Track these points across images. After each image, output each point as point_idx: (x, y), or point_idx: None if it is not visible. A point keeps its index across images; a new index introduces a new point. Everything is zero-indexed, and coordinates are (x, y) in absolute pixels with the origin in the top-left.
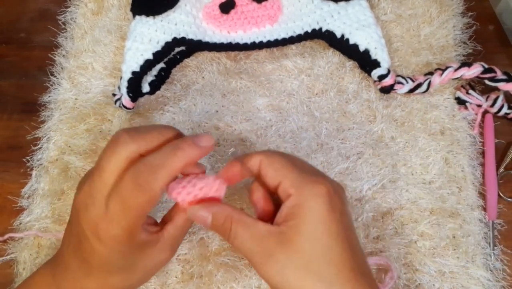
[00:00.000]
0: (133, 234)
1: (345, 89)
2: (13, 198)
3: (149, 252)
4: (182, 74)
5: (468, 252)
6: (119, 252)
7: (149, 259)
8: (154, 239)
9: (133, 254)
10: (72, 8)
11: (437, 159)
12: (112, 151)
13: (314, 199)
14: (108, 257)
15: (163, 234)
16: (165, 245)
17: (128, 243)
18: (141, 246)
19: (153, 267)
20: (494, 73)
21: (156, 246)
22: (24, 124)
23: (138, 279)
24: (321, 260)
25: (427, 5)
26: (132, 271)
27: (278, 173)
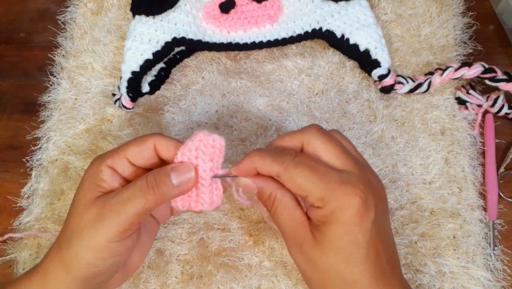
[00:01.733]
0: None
1: (345, 89)
2: (13, 198)
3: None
4: (182, 74)
5: (468, 252)
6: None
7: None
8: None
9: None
10: (71, 8)
11: (438, 159)
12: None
13: (342, 212)
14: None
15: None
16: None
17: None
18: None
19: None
20: (495, 73)
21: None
22: (23, 125)
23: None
24: (343, 266)
25: (428, 5)
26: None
27: (301, 188)
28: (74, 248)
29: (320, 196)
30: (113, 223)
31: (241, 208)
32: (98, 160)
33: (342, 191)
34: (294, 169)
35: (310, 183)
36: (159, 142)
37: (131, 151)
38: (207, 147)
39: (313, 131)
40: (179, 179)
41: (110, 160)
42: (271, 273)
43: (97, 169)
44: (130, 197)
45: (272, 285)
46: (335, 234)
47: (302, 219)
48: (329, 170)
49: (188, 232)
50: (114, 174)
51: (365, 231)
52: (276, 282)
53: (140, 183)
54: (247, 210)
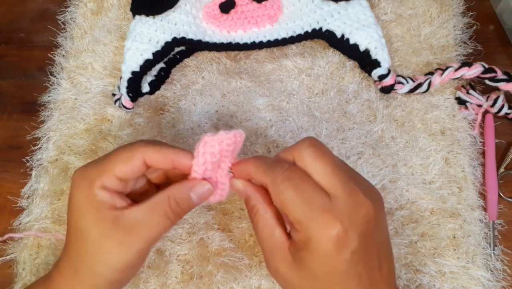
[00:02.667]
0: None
1: (345, 89)
2: (13, 198)
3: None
4: (182, 74)
5: (468, 252)
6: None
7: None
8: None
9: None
10: (71, 8)
11: (438, 159)
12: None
13: (319, 242)
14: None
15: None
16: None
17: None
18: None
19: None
20: (495, 73)
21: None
22: (23, 125)
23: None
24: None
25: (428, 5)
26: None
27: (283, 205)
28: (95, 270)
29: (299, 219)
30: (142, 246)
31: (241, 208)
32: (85, 183)
33: (322, 220)
34: (281, 184)
35: (293, 202)
36: (149, 157)
37: (119, 170)
38: (229, 145)
39: (304, 145)
40: (199, 194)
41: (98, 181)
42: None
43: (90, 195)
44: (157, 223)
45: (272, 285)
46: (311, 261)
47: (281, 240)
48: (315, 192)
49: (188, 232)
50: (110, 193)
51: (342, 261)
52: (276, 282)
53: (165, 210)
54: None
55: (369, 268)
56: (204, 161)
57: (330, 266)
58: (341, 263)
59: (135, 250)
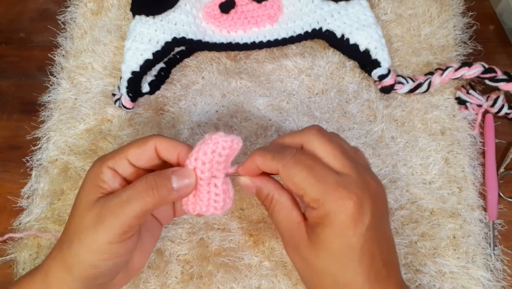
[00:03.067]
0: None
1: (345, 89)
2: (13, 198)
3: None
4: (182, 74)
5: (468, 252)
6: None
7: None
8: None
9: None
10: (71, 8)
11: (438, 159)
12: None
13: (336, 215)
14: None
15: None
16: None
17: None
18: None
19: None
20: (495, 73)
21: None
22: (23, 125)
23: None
24: (336, 269)
25: (428, 5)
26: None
27: (298, 187)
28: (75, 249)
29: (315, 197)
30: (112, 224)
31: (241, 208)
32: (99, 162)
33: (338, 194)
34: (293, 167)
35: (307, 183)
36: (160, 144)
37: (131, 152)
38: (224, 149)
39: (313, 131)
40: (179, 182)
41: (111, 161)
42: (271, 273)
43: (98, 170)
44: (129, 198)
45: (272, 285)
46: (328, 236)
47: (298, 220)
48: (327, 171)
49: (188, 232)
50: (115, 175)
51: (359, 235)
52: (276, 282)
53: (140, 184)
54: (247, 210)
55: (381, 248)
56: (196, 157)
57: (346, 240)
58: (357, 237)
59: (104, 229)
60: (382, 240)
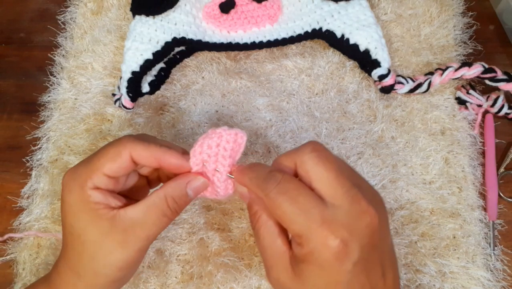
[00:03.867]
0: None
1: (345, 89)
2: (13, 198)
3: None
4: (182, 74)
5: (468, 252)
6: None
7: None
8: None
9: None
10: (71, 8)
11: (438, 159)
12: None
13: (320, 254)
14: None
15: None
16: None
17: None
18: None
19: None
20: (495, 73)
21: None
22: (23, 125)
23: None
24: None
25: (428, 5)
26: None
27: (281, 219)
28: (102, 273)
29: (298, 233)
30: (142, 245)
31: (241, 208)
32: (77, 185)
33: (321, 232)
34: (276, 199)
35: (289, 217)
36: (136, 154)
37: (107, 168)
38: (229, 143)
39: (308, 150)
40: (194, 189)
41: (89, 182)
42: None
43: (84, 196)
44: (155, 222)
45: None
46: (313, 274)
47: (282, 250)
48: (312, 204)
49: (188, 232)
50: (102, 192)
51: (344, 272)
52: None
53: (162, 209)
54: (247, 210)
55: (373, 277)
56: (200, 151)
57: (332, 277)
58: (343, 275)
59: (135, 249)
60: (375, 268)
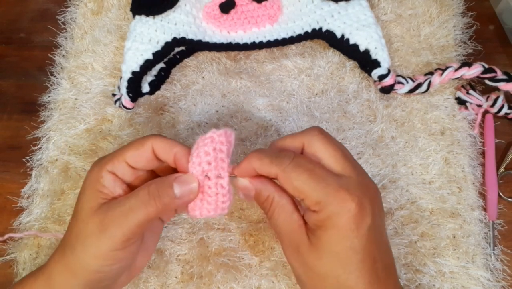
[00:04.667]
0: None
1: (345, 89)
2: (13, 198)
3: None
4: (182, 74)
5: (468, 252)
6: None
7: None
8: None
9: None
10: (72, 8)
11: (437, 159)
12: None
13: (338, 217)
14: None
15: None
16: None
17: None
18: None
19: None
20: (494, 73)
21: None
22: (24, 125)
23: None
24: (339, 272)
25: (427, 5)
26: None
27: (298, 191)
28: (78, 255)
29: (317, 200)
30: (115, 233)
31: (241, 208)
32: (98, 166)
33: (340, 196)
34: (292, 172)
35: (308, 186)
36: (157, 145)
37: (129, 155)
38: (223, 143)
39: (314, 132)
40: (182, 189)
41: (109, 165)
42: (271, 273)
43: (98, 175)
44: (132, 207)
45: (272, 285)
46: (331, 239)
47: (299, 223)
48: (327, 173)
49: (188, 232)
50: (115, 179)
51: (361, 236)
52: (276, 282)
53: (142, 193)
54: (247, 210)
55: (380, 250)
56: (199, 161)
57: (349, 241)
58: (359, 239)
59: (108, 237)
60: (381, 242)
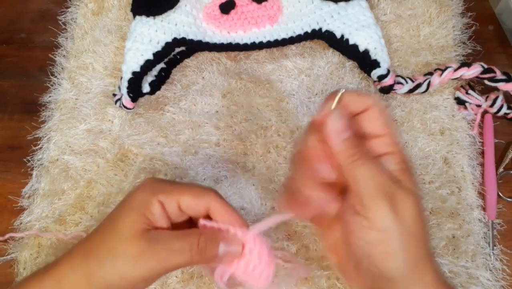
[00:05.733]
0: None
1: None
2: (14, 197)
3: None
4: (182, 75)
5: (467, 252)
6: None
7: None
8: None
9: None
10: (72, 8)
11: (437, 159)
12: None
13: (411, 199)
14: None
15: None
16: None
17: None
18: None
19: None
20: (494, 73)
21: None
22: (24, 125)
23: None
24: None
25: (427, 5)
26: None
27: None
28: (105, 270)
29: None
30: (154, 266)
31: (242, 208)
32: (150, 190)
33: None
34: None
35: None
36: (215, 208)
37: (185, 200)
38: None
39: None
40: (226, 248)
41: (163, 196)
42: None
43: (149, 201)
44: (178, 250)
45: (272, 285)
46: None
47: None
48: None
49: None
50: (163, 212)
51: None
52: (276, 282)
53: (192, 241)
54: (247, 209)
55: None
56: (253, 247)
57: (420, 220)
58: (423, 220)
59: (144, 267)
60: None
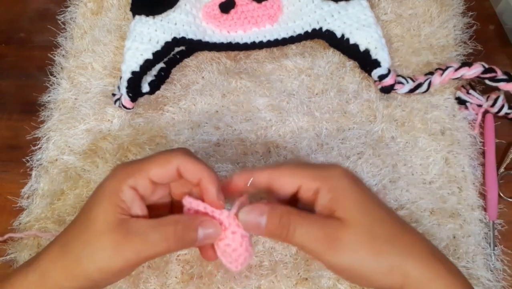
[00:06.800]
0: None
1: (345, 89)
2: (13, 198)
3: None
4: (182, 74)
5: (468, 252)
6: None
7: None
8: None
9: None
10: (71, 8)
11: (438, 159)
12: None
13: (342, 180)
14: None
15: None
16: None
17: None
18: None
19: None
20: (495, 73)
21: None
22: (23, 125)
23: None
24: (379, 230)
25: (428, 4)
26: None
27: (294, 177)
28: (83, 264)
29: (314, 177)
30: (131, 257)
31: None
32: (118, 177)
33: (328, 167)
34: (281, 165)
35: (299, 170)
36: (183, 167)
37: (154, 172)
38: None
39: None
40: (206, 232)
41: (132, 179)
42: (271, 273)
43: (118, 188)
44: (155, 241)
45: (272, 285)
46: (354, 203)
47: (322, 217)
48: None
49: None
50: (135, 195)
51: (368, 193)
52: (276, 282)
53: (168, 231)
54: None
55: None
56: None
57: (365, 200)
58: (368, 196)
59: (124, 258)
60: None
